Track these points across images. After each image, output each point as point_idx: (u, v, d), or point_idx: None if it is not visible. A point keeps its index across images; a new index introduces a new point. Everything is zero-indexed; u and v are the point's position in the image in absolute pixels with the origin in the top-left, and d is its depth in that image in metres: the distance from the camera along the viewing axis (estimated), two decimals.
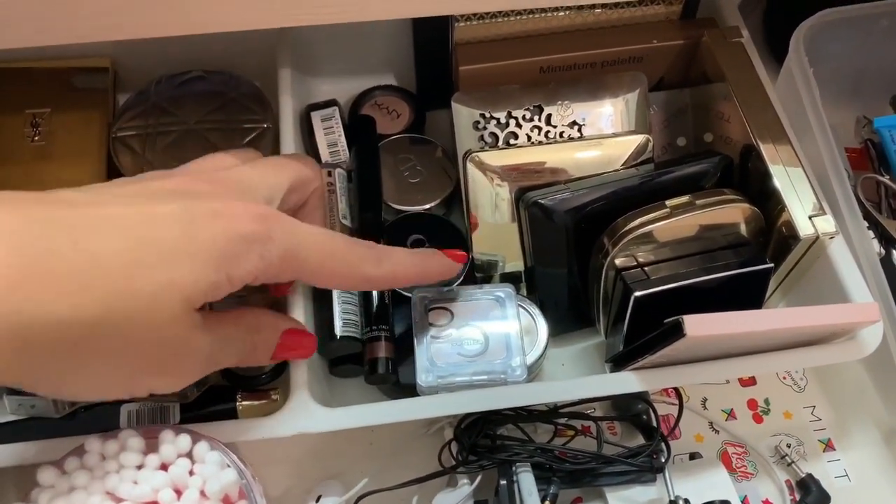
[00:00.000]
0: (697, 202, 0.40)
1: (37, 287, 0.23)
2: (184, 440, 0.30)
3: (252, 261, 0.27)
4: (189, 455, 0.31)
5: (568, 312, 0.45)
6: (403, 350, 0.40)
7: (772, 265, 0.40)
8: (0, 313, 0.23)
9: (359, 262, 0.32)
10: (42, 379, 0.25)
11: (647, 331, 0.37)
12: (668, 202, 0.40)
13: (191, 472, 0.30)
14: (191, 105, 0.49)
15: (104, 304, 0.24)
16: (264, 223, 0.28)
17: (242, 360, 0.32)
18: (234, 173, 0.31)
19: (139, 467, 0.30)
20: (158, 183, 0.29)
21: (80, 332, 0.24)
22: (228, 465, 0.31)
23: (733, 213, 0.40)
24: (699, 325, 0.33)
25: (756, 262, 0.40)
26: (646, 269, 0.40)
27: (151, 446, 0.31)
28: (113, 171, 0.48)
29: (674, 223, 0.39)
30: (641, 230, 0.39)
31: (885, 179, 0.49)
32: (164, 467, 0.30)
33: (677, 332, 0.33)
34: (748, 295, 0.41)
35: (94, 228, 0.25)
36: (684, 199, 0.40)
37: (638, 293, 0.38)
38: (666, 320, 0.35)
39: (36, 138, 0.48)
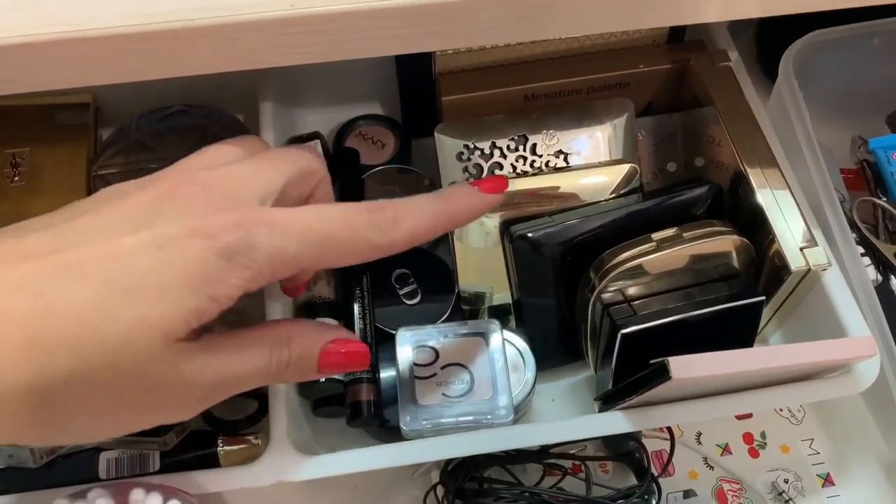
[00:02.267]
0: (685, 235, 0.39)
1: (5, 355, 0.23)
2: (154, 500, 0.30)
3: (236, 275, 0.25)
4: None
5: (557, 346, 0.44)
6: (388, 390, 0.40)
7: (763, 298, 0.39)
8: None
9: (367, 236, 0.28)
10: (37, 437, 0.25)
11: (637, 365, 0.36)
12: (654, 235, 0.39)
13: None
14: (173, 140, 0.49)
15: (75, 358, 0.23)
16: (243, 229, 0.25)
17: (274, 378, 0.29)
18: (221, 172, 0.28)
19: None
20: (133, 200, 0.26)
21: (55, 392, 0.23)
22: None
23: (722, 244, 0.39)
24: (685, 367, 0.32)
25: (747, 294, 0.39)
26: (633, 304, 0.39)
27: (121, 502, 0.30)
28: None
29: (661, 256, 0.38)
30: (628, 264, 0.38)
31: (882, 202, 0.48)
32: None
33: (663, 373, 0.32)
34: (741, 327, 0.40)
35: (53, 280, 0.24)
36: (671, 232, 0.39)
37: (625, 331, 0.37)
38: (651, 361, 0.33)
39: (16, 178, 0.48)
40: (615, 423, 0.37)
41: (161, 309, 0.24)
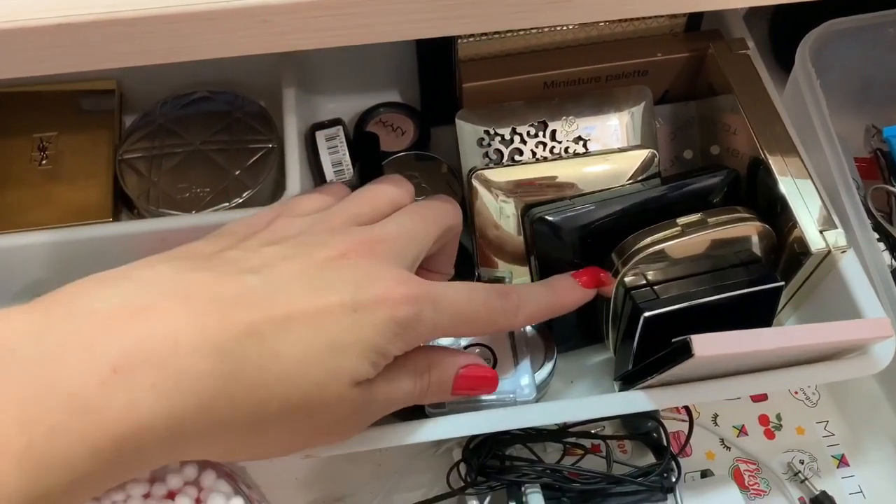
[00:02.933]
0: (709, 220, 0.39)
1: (233, 394, 0.26)
2: (190, 469, 0.30)
3: (405, 339, 0.30)
4: (196, 483, 0.31)
5: (577, 328, 0.45)
6: None
7: (783, 283, 0.39)
8: (205, 418, 0.25)
9: (496, 320, 0.34)
10: (231, 456, 0.29)
11: (656, 349, 0.36)
12: (679, 220, 0.39)
13: (197, 501, 0.30)
14: (196, 126, 0.49)
15: (283, 397, 0.27)
16: (416, 304, 0.30)
17: (416, 401, 0.33)
18: (384, 234, 0.32)
19: (146, 496, 0.30)
20: (321, 253, 0.30)
21: (264, 423, 0.27)
22: (235, 493, 0.31)
23: (745, 230, 0.40)
24: (707, 345, 0.33)
25: (767, 280, 0.39)
26: (655, 287, 0.39)
27: (158, 474, 0.31)
28: (119, 193, 0.48)
29: (684, 241, 0.39)
30: (652, 249, 0.39)
31: None
32: (170, 495, 0.30)
33: (685, 352, 0.33)
34: (759, 312, 0.41)
35: (274, 331, 0.27)
36: (696, 217, 0.39)
37: (647, 313, 0.37)
38: (674, 339, 0.34)
39: (43, 162, 0.48)
40: (635, 401, 0.38)
41: (354, 361, 0.29)
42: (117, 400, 0.23)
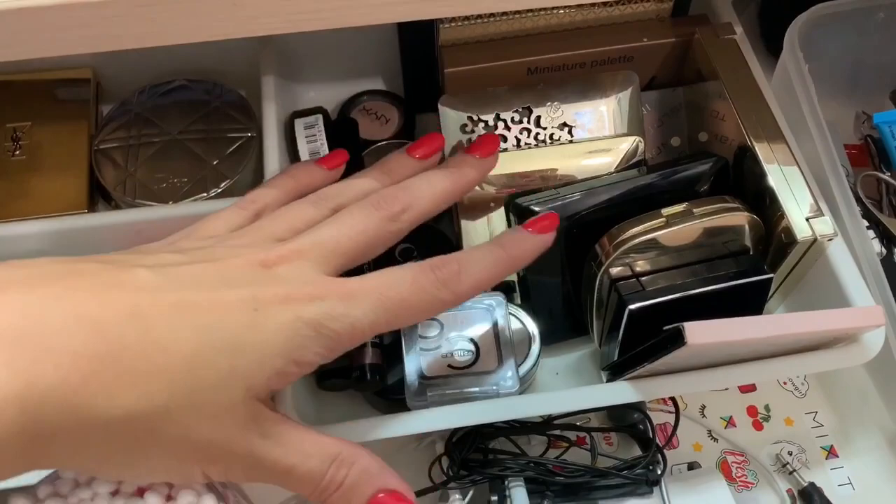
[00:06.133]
0: (695, 211, 0.38)
1: (108, 381, 0.24)
2: None
3: (320, 343, 0.27)
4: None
5: (562, 321, 0.44)
6: (393, 361, 0.40)
7: (771, 276, 0.38)
8: (73, 405, 0.23)
9: (435, 294, 0.30)
10: (105, 467, 0.26)
11: (642, 340, 0.35)
12: (664, 211, 0.38)
13: (168, 497, 0.29)
14: (174, 115, 0.48)
15: (167, 394, 0.24)
16: (324, 302, 0.28)
17: (319, 494, 0.28)
18: (308, 239, 0.30)
19: (114, 493, 0.29)
20: (232, 261, 0.28)
21: (145, 422, 0.24)
22: (208, 490, 0.30)
23: (732, 220, 0.39)
24: (700, 333, 0.32)
25: (755, 272, 0.38)
26: (641, 279, 0.38)
27: None
28: (96, 183, 0.47)
29: (670, 232, 0.38)
30: (636, 240, 0.38)
31: (886, 176, 0.48)
32: (140, 493, 0.29)
33: (677, 340, 0.32)
34: (747, 304, 0.40)
35: (163, 317, 0.25)
36: (681, 207, 0.38)
37: (632, 306, 0.37)
38: (665, 327, 0.33)
39: (17, 153, 0.47)
40: (621, 392, 0.37)
41: (251, 364, 0.26)
42: None
